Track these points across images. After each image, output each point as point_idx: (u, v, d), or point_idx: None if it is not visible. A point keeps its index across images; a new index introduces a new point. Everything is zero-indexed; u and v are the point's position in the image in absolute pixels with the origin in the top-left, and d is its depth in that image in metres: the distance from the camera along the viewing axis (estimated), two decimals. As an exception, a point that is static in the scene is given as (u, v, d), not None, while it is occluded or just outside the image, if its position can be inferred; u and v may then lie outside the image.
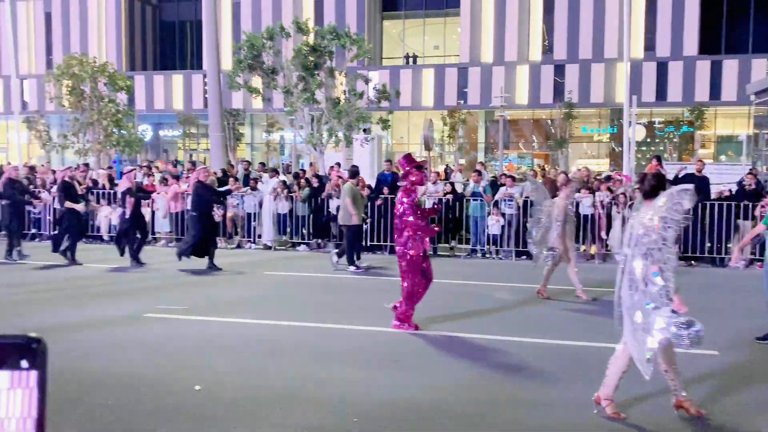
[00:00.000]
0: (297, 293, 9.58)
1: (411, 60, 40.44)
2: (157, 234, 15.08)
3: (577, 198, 12.60)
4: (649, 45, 35.36)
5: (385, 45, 40.98)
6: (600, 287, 9.78)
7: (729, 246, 12.60)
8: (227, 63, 30.55)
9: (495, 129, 36.26)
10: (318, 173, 16.20)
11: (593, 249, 13.29)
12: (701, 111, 33.00)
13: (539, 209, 9.29)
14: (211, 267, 11.25)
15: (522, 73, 36.68)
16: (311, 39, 20.46)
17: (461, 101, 36.62)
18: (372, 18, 39.25)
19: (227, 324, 7.52)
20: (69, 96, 25.12)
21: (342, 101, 20.52)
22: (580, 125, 36.22)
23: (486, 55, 37.23)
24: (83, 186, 14.74)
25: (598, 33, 35.42)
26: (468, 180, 15.87)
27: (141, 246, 11.87)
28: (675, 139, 35.40)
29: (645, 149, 34.56)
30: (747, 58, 34.30)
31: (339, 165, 16.42)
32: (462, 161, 34.45)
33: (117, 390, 5.21)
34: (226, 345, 6.58)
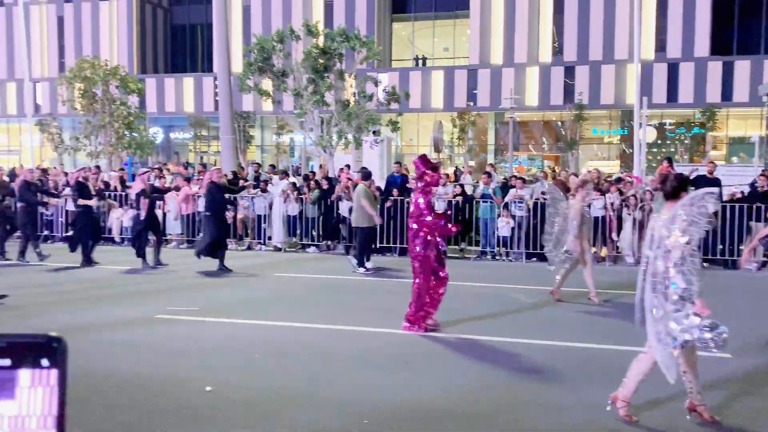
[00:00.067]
0: (307, 295, 9.60)
1: (420, 62, 40.43)
2: (169, 236, 15.16)
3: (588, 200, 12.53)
4: (660, 46, 35.17)
5: (395, 47, 41.00)
6: (611, 289, 9.75)
7: (741, 248, 12.50)
8: (237, 66, 30.66)
9: (505, 131, 36.19)
10: (328, 175, 16.23)
11: (604, 251, 13.23)
12: (713, 112, 32.78)
13: (555, 212, 9.22)
14: (222, 269, 11.30)
15: (532, 75, 36.59)
16: (321, 41, 20.51)
17: (471, 103, 36.56)
18: (381, 20, 39.29)
19: (238, 325, 7.55)
20: (81, 99, 25.31)
21: (351, 103, 20.56)
22: (590, 127, 36.07)
23: (496, 57, 37.16)
24: (95, 187, 14.84)
25: (608, 34, 35.28)
26: (478, 182, 15.84)
27: (159, 247, 11.97)
28: (686, 141, 35.17)
29: (656, 151, 34.38)
30: (759, 58, 34.05)
31: (349, 167, 16.45)
32: (472, 163, 34.35)
33: (128, 390, 5.24)
34: (236, 346, 6.61)
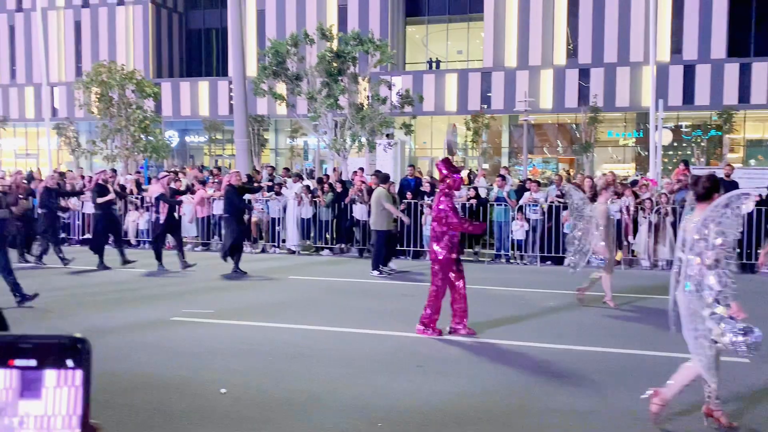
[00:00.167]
0: (321, 298, 9.62)
1: (434, 65, 40.42)
2: (184, 238, 15.23)
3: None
4: (676, 48, 34.87)
5: (408, 50, 41.01)
6: (627, 293, 9.67)
7: (758, 252, 12.34)
8: (252, 69, 30.83)
9: (519, 133, 36.05)
10: (341, 178, 16.27)
11: (619, 255, 13.12)
12: (730, 114, 32.44)
13: (579, 215, 9.03)
14: (237, 271, 11.36)
15: (546, 77, 36.43)
16: (335, 45, 20.58)
17: (485, 106, 36.47)
18: (395, 23, 39.32)
19: (253, 328, 7.58)
20: (98, 103, 25.55)
21: (365, 107, 20.59)
22: (605, 129, 35.84)
23: (510, 60, 37.04)
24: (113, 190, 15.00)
25: (623, 36, 35.05)
26: (491, 185, 15.81)
27: (181, 249, 12.04)
28: (702, 143, 34.81)
29: (672, 153, 34.08)
30: (777, 60, 33.67)
31: (362, 170, 16.48)
32: (485, 166, 34.29)
33: (143, 391, 5.28)
34: (251, 349, 6.64)
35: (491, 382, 5.71)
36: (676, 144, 35.40)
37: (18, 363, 0.76)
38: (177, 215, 14.83)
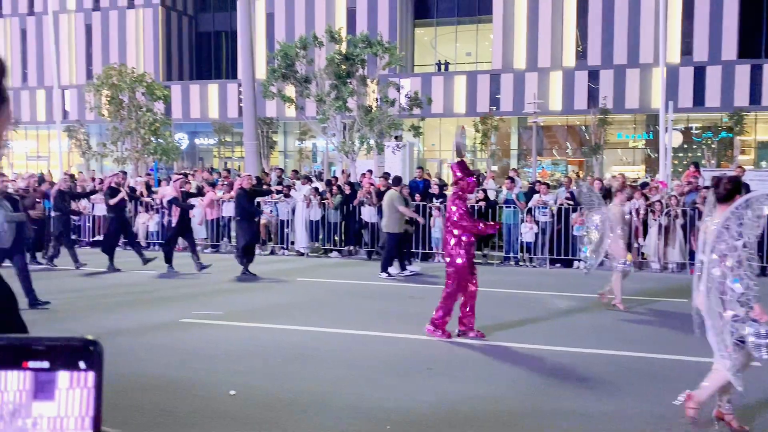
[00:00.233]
0: (330, 300, 9.63)
1: (443, 67, 40.42)
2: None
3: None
4: (686, 49, 34.70)
5: (417, 52, 41.04)
6: (637, 296, 9.63)
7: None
8: (261, 72, 30.95)
9: (528, 135, 35.99)
10: (350, 180, 16.29)
11: (628, 257, 13.04)
12: (741, 116, 32.24)
13: (593, 217, 8.96)
14: (246, 273, 11.40)
15: (555, 79, 36.34)
16: (344, 47, 20.62)
17: (494, 108, 36.44)
18: (404, 26, 39.36)
19: (262, 330, 7.60)
20: (108, 105, 25.72)
21: (374, 109, 20.62)
22: (615, 131, 35.71)
23: (519, 62, 36.98)
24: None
25: (633, 38, 34.91)
26: (500, 187, 15.78)
27: (195, 251, 12.08)
28: (713, 145, 34.61)
29: (682, 155, 33.90)
30: (788, 61, 33.46)
31: (371, 172, 16.50)
32: (494, 168, 34.25)
33: (151, 393, 5.30)
34: (261, 350, 6.65)
35: (502, 384, 5.70)
36: (686, 146, 35.21)
37: (31, 365, 0.77)
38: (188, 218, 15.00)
